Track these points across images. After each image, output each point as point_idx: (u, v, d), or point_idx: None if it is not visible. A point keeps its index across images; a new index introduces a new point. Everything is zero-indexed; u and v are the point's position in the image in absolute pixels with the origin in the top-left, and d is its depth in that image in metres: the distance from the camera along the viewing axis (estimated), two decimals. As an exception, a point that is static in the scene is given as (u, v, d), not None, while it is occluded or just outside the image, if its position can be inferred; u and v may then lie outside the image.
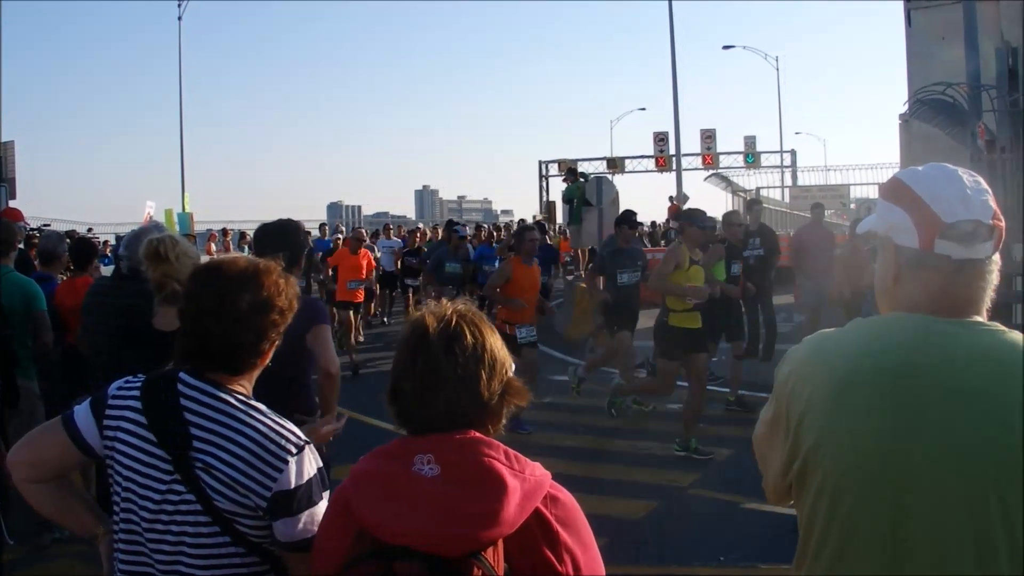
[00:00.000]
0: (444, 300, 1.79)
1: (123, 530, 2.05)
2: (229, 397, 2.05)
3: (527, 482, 1.60)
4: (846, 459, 1.61)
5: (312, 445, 2.08)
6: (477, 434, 1.65)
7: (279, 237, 4.12)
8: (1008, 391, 1.54)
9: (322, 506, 2.00)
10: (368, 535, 1.60)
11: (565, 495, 1.68)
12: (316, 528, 1.96)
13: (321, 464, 2.08)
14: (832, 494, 1.64)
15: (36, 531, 5.54)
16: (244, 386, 2.14)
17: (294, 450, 2.00)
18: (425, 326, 1.71)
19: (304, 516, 1.98)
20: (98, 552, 2.23)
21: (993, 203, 1.66)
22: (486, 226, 21.51)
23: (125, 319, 3.74)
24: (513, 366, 1.77)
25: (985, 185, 1.68)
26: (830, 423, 1.64)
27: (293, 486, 1.97)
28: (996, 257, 1.67)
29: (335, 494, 1.73)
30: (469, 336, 1.70)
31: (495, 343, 1.74)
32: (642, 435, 8.31)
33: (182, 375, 2.07)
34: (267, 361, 2.19)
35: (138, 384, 2.09)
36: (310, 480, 2.00)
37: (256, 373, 2.19)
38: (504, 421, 1.75)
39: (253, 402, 2.09)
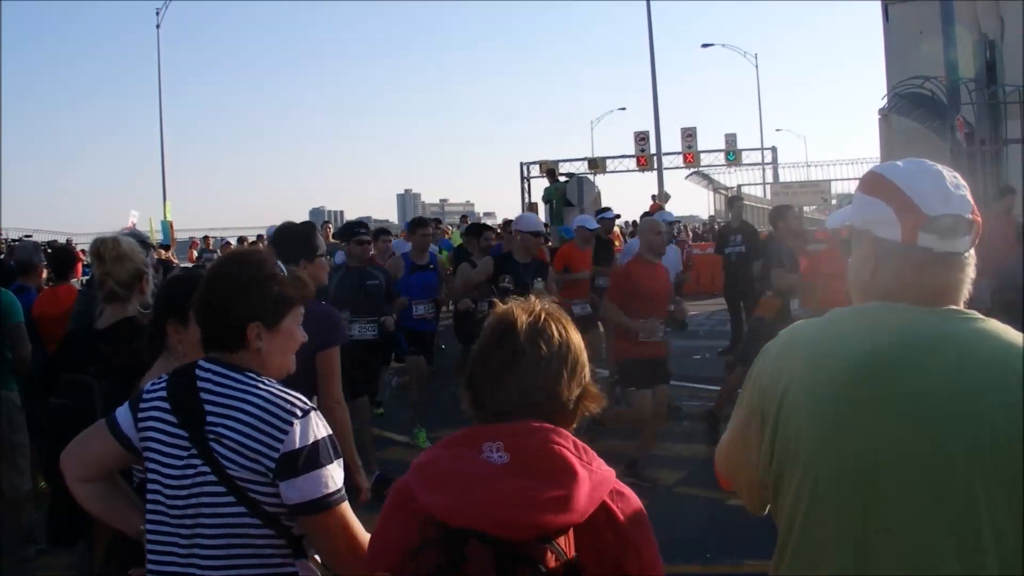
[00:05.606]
0: (531, 298, 1.80)
1: (151, 510, 2.14)
2: (239, 375, 2.13)
3: (595, 474, 1.60)
4: (825, 456, 1.59)
5: (319, 411, 2.13)
6: (546, 424, 1.63)
7: (293, 240, 4.01)
8: (990, 383, 1.52)
9: (331, 469, 2.06)
10: (433, 521, 1.57)
11: (630, 492, 1.68)
12: (324, 489, 2.02)
13: (331, 432, 2.12)
14: (811, 493, 1.61)
15: (20, 543, 5.48)
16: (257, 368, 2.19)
17: (299, 413, 2.06)
18: (513, 317, 1.71)
19: (311, 476, 2.02)
20: (78, 563, 2.27)
21: (971, 198, 1.67)
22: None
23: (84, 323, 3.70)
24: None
25: (962, 180, 1.69)
26: (810, 418, 1.61)
27: (298, 446, 2.02)
28: (971, 251, 1.68)
29: (396, 486, 1.71)
30: (555, 332, 1.70)
31: (579, 344, 1.74)
32: (626, 435, 8.30)
33: (200, 362, 2.18)
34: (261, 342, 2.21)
35: (166, 378, 2.22)
36: (317, 442, 2.05)
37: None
38: (575, 425, 1.74)
39: (263, 377, 2.15)
